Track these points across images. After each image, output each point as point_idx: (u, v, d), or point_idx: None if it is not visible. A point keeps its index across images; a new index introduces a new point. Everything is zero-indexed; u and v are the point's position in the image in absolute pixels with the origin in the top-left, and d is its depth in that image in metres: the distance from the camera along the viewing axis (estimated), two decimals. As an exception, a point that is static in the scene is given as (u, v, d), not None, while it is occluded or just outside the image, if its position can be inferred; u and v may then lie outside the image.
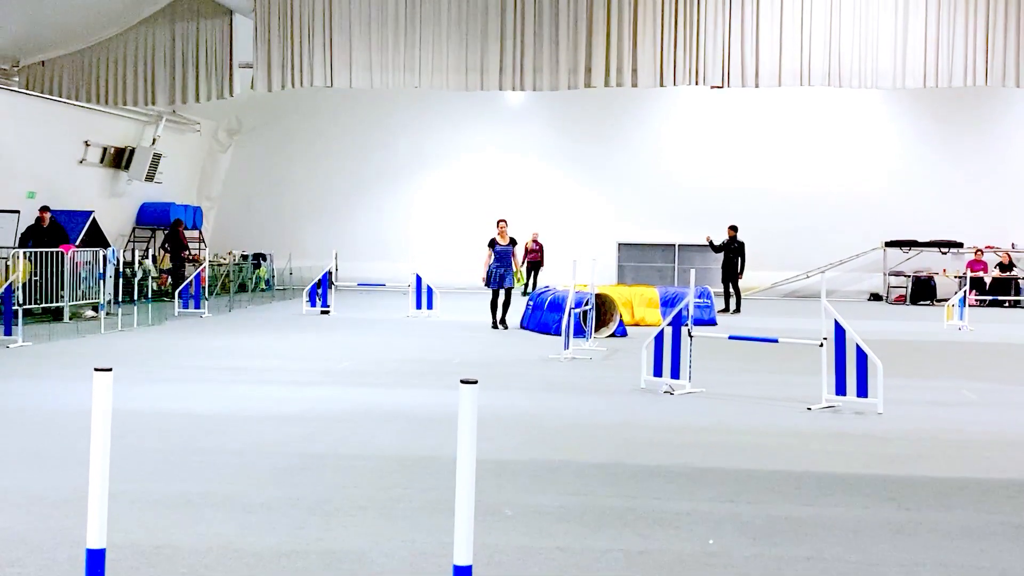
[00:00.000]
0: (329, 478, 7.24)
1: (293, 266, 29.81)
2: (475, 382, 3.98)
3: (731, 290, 23.78)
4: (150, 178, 27.00)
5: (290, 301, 24.81)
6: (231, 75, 21.87)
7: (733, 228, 24.38)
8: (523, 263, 27.86)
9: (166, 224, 28.08)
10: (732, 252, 24.01)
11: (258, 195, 31.94)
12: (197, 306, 20.86)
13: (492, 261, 18.61)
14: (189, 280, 21.37)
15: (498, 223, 19.02)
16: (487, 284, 18.77)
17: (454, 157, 31.35)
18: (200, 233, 29.70)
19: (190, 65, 22.01)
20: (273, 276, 29.99)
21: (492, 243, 18.65)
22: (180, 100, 22.37)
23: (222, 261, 28.57)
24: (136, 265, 21.01)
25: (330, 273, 21.88)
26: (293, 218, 31.64)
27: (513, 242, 18.88)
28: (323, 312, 21.53)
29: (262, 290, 28.83)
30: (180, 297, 21.19)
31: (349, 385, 11.69)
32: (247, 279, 28.53)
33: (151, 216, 28.18)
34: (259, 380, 11.99)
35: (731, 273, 23.91)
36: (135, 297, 18.75)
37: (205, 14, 21.93)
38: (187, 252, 27.24)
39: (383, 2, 21.18)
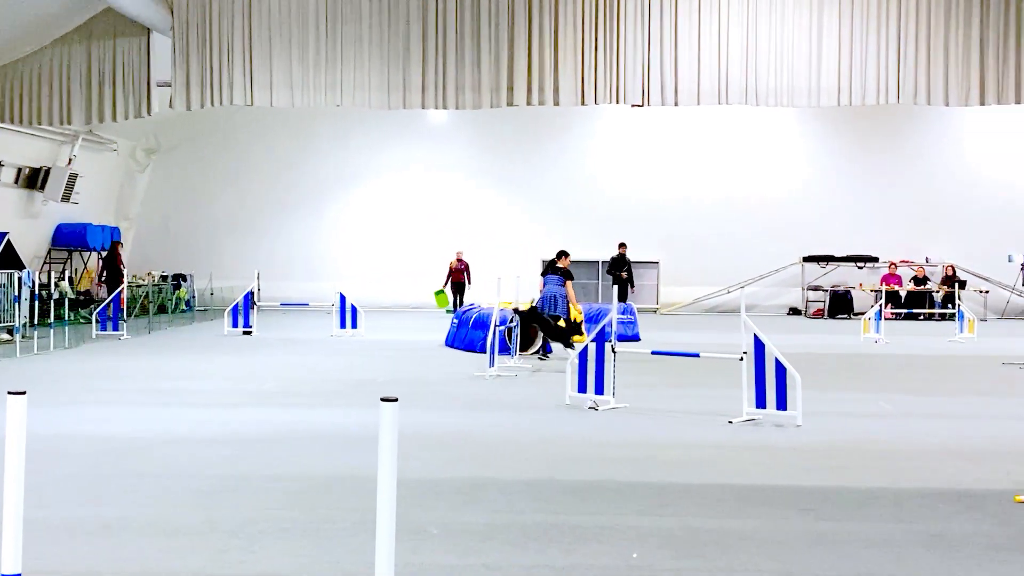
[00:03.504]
0: (252, 500, 7.17)
1: (214, 286, 29.46)
2: (395, 400, 3.99)
3: None
4: (66, 198, 26.51)
5: (211, 322, 24.50)
6: (149, 94, 21.59)
7: (623, 245, 24.67)
8: (447, 283, 27.95)
9: (82, 246, 27.58)
10: (623, 269, 24.30)
11: (177, 215, 31.52)
12: (116, 328, 20.50)
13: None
14: (107, 302, 21.00)
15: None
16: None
17: (378, 175, 31.28)
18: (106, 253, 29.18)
19: (107, 84, 21.68)
20: (194, 297, 29.61)
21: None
22: (97, 119, 22.01)
23: (141, 282, 28.12)
24: (52, 287, 20.59)
25: (252, 293, 21.66)
26: (214, 238, 31.28)
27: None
28: (245, 333, 21.30)
29: (182, 311, 28.44)
30: (98, 319, 20.81)
31: (273, 406, 11.59)
32: (167, 300, 28.13)
33: (67, 237, 27.66)
34: (180, 402, 11.83)
35: (623, 291, 24.18)
36: (51, 320, 18.37)
37: (122, 32, 21.63)
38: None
39: (303, 21, 21.11)
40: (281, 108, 22.71)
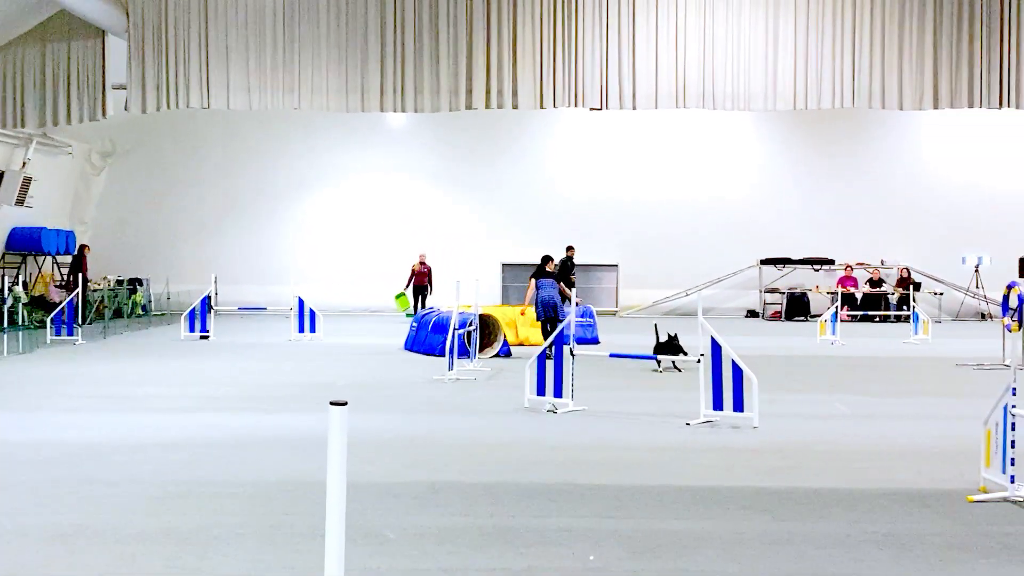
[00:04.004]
0: (207, 506, 7.11)
1: (171, 291, 29.20)
2: (344, 404, 3.96)
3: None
4: (20, 202, 26.16)
5: (168, 327, 24.27)
6: (104, 97, 21.39)
7: (571, 248, 24.77)
8: (408, 285, 27.80)
9: (37, 250, 27.24)
10: (573, 272, 24.42)
11: (134, 219, 31.20)
12: (71, 333, 20.25)
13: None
14: (61, 306, 20.75)
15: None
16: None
17: (337, 178, 31.14)
18: (73, 258, 28.87)
19: (61, 86, 21.46)
20: (150, 301, 29.32)
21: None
22: (51, 122, 21.78)
23: (96, 286, 27.81)
24: (6, 292, 20.31)
25: (209, 297, 21.49)
26: (170, 242, 31.00)
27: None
28: (202, 337, 21.12)
29: (139, 316, 28.16)
30: (52, 324, 20.55)
31: (229, 411, 11.50)
32: (123, 304, 27.83)
33: (21, 241, 27.27)
34: (136, 408, 11.71)
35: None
36: (5, 325, 18.13)
37: (77, 35, 21.42)
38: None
39: (260, 23, 21.00)
40: (239, 111, 22.58)
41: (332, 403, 3.88)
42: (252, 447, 9.29)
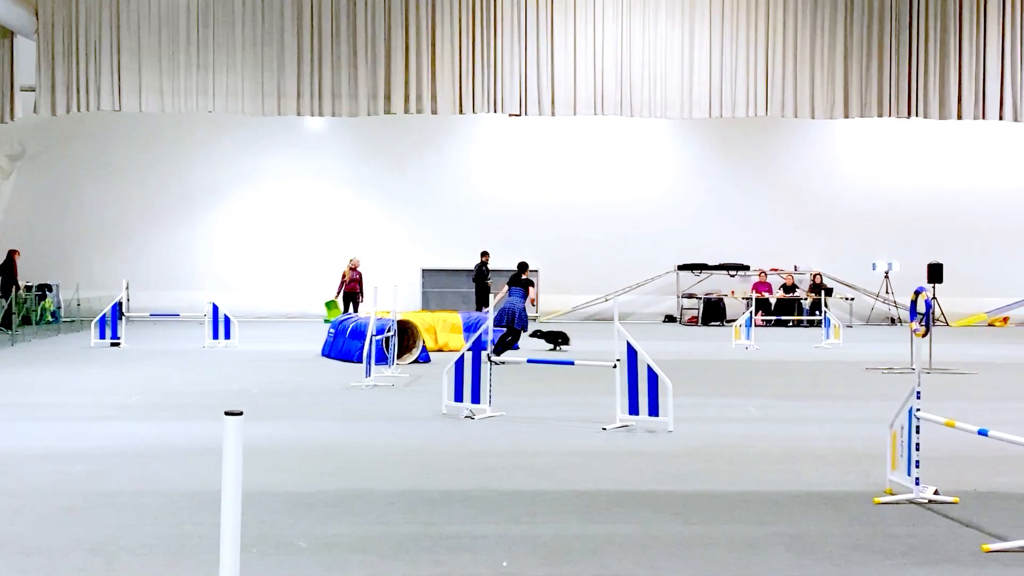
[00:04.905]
0: (115, 517, 6.97)
1: (81, 297, 28.54)
2: (240, 414, 3.90)
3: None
4: (-76, 206, 25.43)
5: (78, 333, 23.76)
6: (12, 99, 20.91)
7: (485, 253, 24.85)
8: (339, 292, 27.16)
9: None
10: (488, 278, 24.49)
11: (43, 223, 30.48)
12: (-24, 340, 19.72)
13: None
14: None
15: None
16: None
17: (253, 183, 30.76)
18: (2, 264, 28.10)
19: (-33, 87, 20.92)
20: (60, 308, 28.65)
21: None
22: (-44, 124, 21.22)
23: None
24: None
25: (120, 303, 21.07)
26: (81, 247, 30.34)
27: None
28: (113, 344, 20.71)
29: (48, 322, 27.50)
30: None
31: (140, 420, 11.29)
32: (31, 311, 27.16)
33: (-76, 246, 26.50)
34: (43, 416, 11.44)
35: (486, 299, 24.32)
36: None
37: (-17, 34, 20.90)
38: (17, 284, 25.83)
39: (174, 25, 20.70)
40: (152, 114, 22.22)
41: (227, 413, 3.81)
42: (162, 457, 9.13)
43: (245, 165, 30.70)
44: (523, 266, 17.83)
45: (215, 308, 20.95)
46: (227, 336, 20.89)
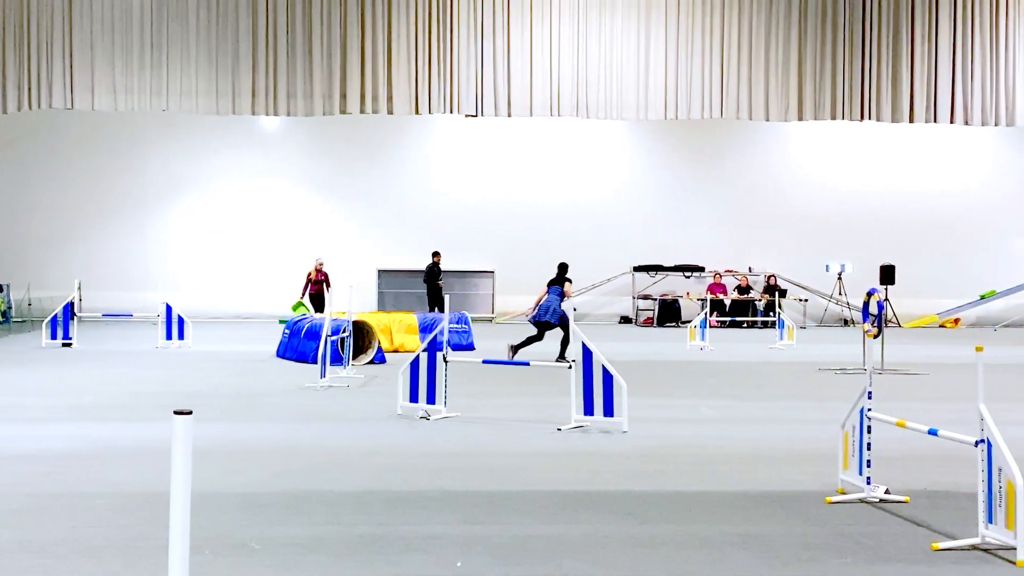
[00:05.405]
0: (65, 519, 6.88)
1: (33, 297, 28.19)
2: (189, 413, 3.86)
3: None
4: None
5: (29, 334, 23.44)
6: (-39, 95, 20.58)
7: (437, 254, 24.83)
8: (304, 293, 26.72)
9: None
10: (440, 278, 24.46)
11: (-7, 222, 30.04)
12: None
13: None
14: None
15: None
16: None
17: (208, 182, 30.49)
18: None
19: (-86, 84, 20.58)
20: (10, 308, 28.25)
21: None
22: (-97, 121, 20.87)
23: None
24: None
25: (72, 303, 20.82)
26: (32, 246, 29.92)
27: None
28: (65, 345, 20.46)
29: (-2, 323, 27.12)
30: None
31: (91, 421, 11.16)
32: (-19, 311, 26.78)
33: None
34: (-9, 418, 11.27)
35: (439, 300, 24.32)
36: None
37: (-69, 29, 20.57)
38: None
39: (127, 23, 20.49)
40: (105, 112, 21.97)
41: (176, 412, 3.77)
42: (113, 458, 9.03)
43: (199, 164, 30.43)
44: (563, 267, 18.29)
45: (168, 308, 20.74)
46: (181, 337, 20.69)
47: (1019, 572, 5.91)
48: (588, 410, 10.70)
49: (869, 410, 7.49)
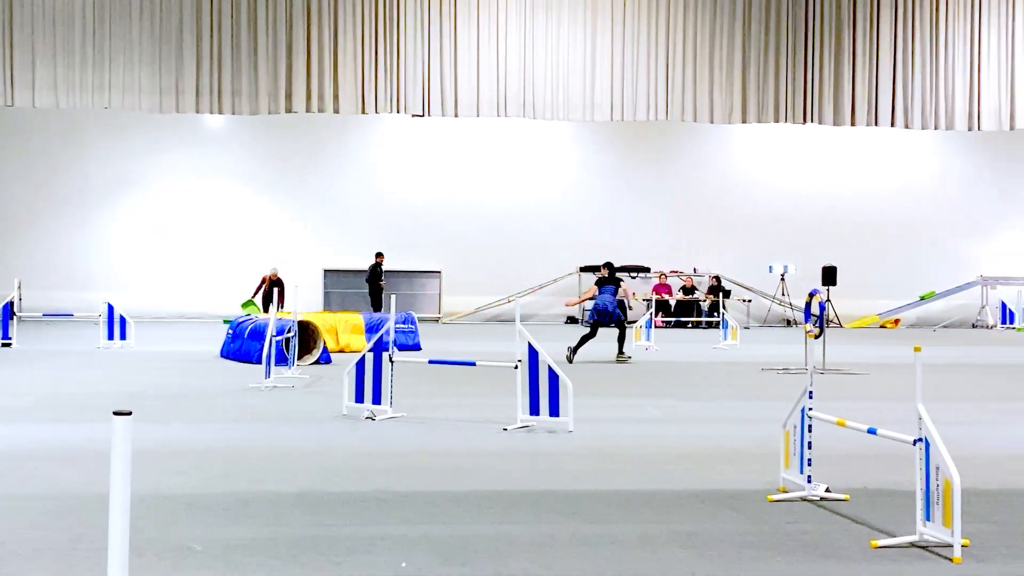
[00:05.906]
0: (4, 520, 6.77)
1: (-30, 296, 27.69)
2: (129, 413, 3.83)
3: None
4: None
5: (-33, 334, 23.02)
6: None
7: (380, 255, 24.79)
8: (257, 293, 26.44)
9: None
10: (383, 279, 24.44)
11: (-70, 220, 29.48)
12: None
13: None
14: None
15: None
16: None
17: (151, 180, 30.15)
18: None
19: None
20: (-53, 307, 27.73)
21: None
22: None
23: None
24: None
25: (12, 303, 20.49)
26: (-30, 245, 29.41)
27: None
28: (4, 345, 20.13)
29: (-66, 322, 26.58)
30: None
31: (30, 421, 10.99)
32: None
33: None
34: (-74, 420, 11.06)
35: (381, 300, 24.33)
36: None
37: None
38: None
39: (69, 19, 20.21)
40: (46, 109, 21.63)
41: (116, 413, 3.74)
42: (53, 459, 8.90)
43: (142, 163, 30.08)
44: (610, 266, 18.83)
45: (110, 308, 20.49)
46: (123, 337, 20.45)
47: (955, 568, 6.02)
48: (534, 410, 10.73)
49: (810, 409, 7.58)
